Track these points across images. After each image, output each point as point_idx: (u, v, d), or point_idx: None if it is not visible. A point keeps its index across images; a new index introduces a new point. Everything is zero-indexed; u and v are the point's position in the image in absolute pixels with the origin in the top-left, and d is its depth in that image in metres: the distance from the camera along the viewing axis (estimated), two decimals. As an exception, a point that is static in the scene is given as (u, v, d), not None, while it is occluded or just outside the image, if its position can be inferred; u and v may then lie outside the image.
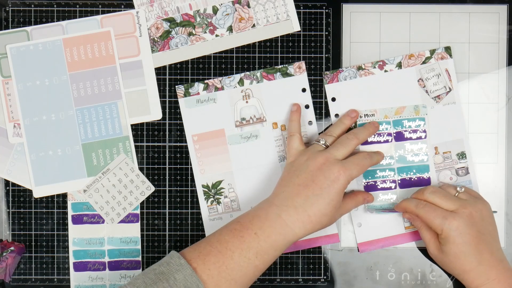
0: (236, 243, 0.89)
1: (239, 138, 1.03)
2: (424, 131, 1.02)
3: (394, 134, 1.02)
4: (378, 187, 1.02)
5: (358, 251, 1.03)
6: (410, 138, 1.02)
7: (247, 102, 1.03)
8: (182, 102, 1.03)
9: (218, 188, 1.03)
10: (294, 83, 1.03)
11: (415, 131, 1.02)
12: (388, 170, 1.02)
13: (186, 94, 1.03)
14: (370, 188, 1.02)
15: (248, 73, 1.03)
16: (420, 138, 1.02)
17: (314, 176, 0.91)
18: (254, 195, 1.03)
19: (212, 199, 1.03)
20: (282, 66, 1.03)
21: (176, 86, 1.03)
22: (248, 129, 1.03)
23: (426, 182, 1.02)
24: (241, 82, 1.03)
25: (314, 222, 0.90)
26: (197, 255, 0.89)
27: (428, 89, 1.03)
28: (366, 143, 1.02)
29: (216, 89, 1.03)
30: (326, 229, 1.02)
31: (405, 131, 1.02)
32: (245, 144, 1.03)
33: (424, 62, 1.03)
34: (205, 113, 1.03)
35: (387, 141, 1.02)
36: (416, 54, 1.03)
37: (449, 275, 1.02)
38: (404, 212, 0.98)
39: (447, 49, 1.03)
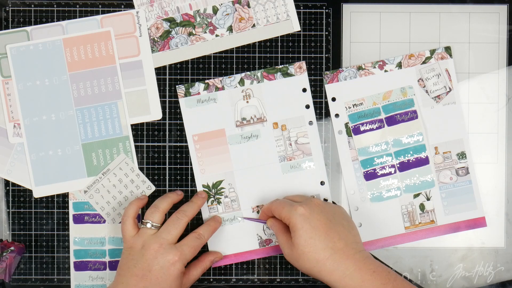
0: None
1: (240, 138, 1.03)
2: (415, 112, 1.02)
3: (386, 120, 1.02)
4: (378, 174, 1.03)
5: None
6: (402, 121, 1.02)
7: (247, 102, 1.03)
8: (182, 102, 1.03)
9: (218, 188, 1.03)
10: (294, 83, 1.03)
11: (406, 114, 1.02)
12: (385, 156, 1.03)
13: (187, 94, 1.03)
14: (370, 176, 1.02)
15: (248, 73, 1.03)
16: (412, 118, 1.02)
17: (150, 266, 0.92)
18: (255, 195, 1.03)
19: (213, 198, 1.03)
20: (282, 66, 1.03)
21: (177, 86, 1.03)
22: (248, 129, 1.03)
23: (424, 162, 1.02)
24: (241, 82, 1.03)
25: None
26: None
27: (428, 89, 1.03)
28: (358, 132, 1.02)
29: (217, 89, 1.03)
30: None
31: (396, 114, 1.02)
32: (246, 144, 1.03)
33: (424, 62, 1.03)
34: (206, 113, 1.03)
35: (379, 127, 1.02)
36: (416, 54, 1.03)
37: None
38: (265, 217, 0.99)
39: (447, 49, 1.03)
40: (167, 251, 0.92)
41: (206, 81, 1.03)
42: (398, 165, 1.03)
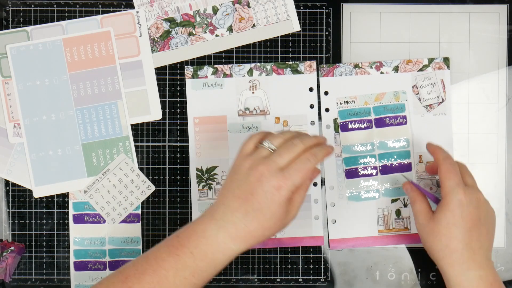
0: (172, 262, 0.83)
1: (240, 127, 1.03)
2: (405, 117, 1.02)
3: (375, 121, 1.02)
4: (359, 173, 1.03)
5: (329, 247, 1.03)
6: (391, 124, 1.02)
7: (253, 92, 1.03)
8: (189, 83, 1.03)
9: (211, 173, 1.03)
10: (302, 81, 1.03)
11: (395, 118, 1.02)
12: (369, 156, 1.02)
13: (194, 75, 1.03)
14: (351, 174, 1.02)
15: (258, 64, 1.03)
16: (400, 124, 1.02)
17: (253, 189, 0.83)
18: None
19: (204, 183, 1.03)
20: (293, 62, 1.03)
21: (185, 67, 1.03)
22: (250, 120, 1.03)
23: (407, 168, 1.02)
24: (250, 72, 1.03)
25: (256, 237, 0.84)
26: (133, 272, 0.84)
27: (421, 97, 1.03)
28: (345, 129, 1.02)
29: (225, 75, 1.03)
30: (312, 230, 1.03)
31: (386, 117, 1.02)
32: (245, 134, 1.03)
33: (421, 70, 1.02)
34: (210, 97, 1.03)
35: (367, 127, 1.02)
36: (414, 60, 1.03)
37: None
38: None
39: (446, 60, 1.03)
40: (273, 176, 0.82)
41: (215, 66, 1.03)
42: (380, 168, 1.02)
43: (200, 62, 1.03)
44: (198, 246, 0.83)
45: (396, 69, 1.03)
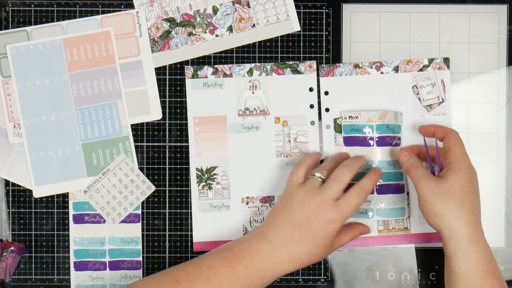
0: (226, 272, 0.90)
1: (240, 127, 1.03)
2: (399, 139, 1.01)
3: (377, 139, 1.01)
4: None
5: None
6: (390, 144, 1.01)
7: (253, 92, 1.03)
8: (189, 83, 1.03)
9: (211, 173, 1.03)
10: (302, 81, 1.03)
11: (394, 138, 1.01)
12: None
13: (194, 75, 1.03)
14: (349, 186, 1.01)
15: (258, 64, 1.03)
16: (397, 145, 1.01)
17: (309, 218, 0.91)
18: (246, 186, 1.03)
19: (204, 183, 1.03)
20: (293, 62, 1.03)
21: (185, 67, 1.03)
22: (250, 120, 1.03)
23: (400, 190, 1.01)
24: (250, 72, 1.03)
25: (304, 262, 0.92)
26: (185, 276, 0.90)
27: (421, 97, 1.02)
28: (349, 144, 1.02)
29: (225, 75, 1.03)
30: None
31: (387, 136, 1.01)
32: (245, 134, 1.03)
33: (421, 70, 1.02)
34: (210, 97, 1.03)
35: (369, 145, 1.01)
36: (414, 60, 1.03)
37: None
38: (427, 132, 0.98)
39: (446, 60, 1.02)
40: (329, 208, 0.91)
41: (215, 66, 1.03)
42: (377, 187, 1.01)
43: (200, 62, 1.03)
44: (252, 262, 0.91)
45: (396, 69, 1.03)
